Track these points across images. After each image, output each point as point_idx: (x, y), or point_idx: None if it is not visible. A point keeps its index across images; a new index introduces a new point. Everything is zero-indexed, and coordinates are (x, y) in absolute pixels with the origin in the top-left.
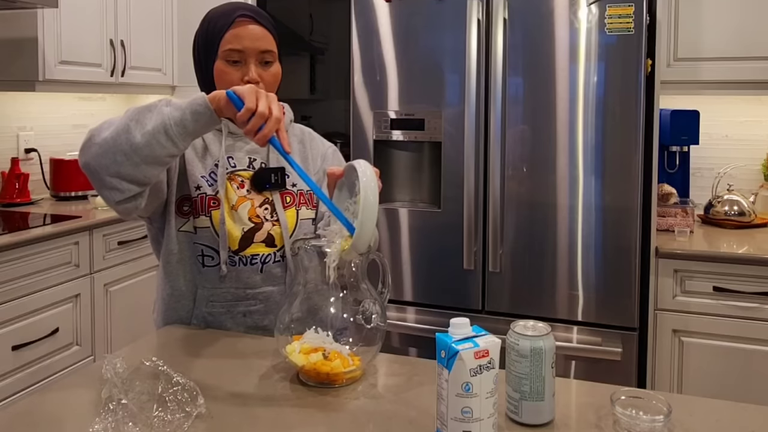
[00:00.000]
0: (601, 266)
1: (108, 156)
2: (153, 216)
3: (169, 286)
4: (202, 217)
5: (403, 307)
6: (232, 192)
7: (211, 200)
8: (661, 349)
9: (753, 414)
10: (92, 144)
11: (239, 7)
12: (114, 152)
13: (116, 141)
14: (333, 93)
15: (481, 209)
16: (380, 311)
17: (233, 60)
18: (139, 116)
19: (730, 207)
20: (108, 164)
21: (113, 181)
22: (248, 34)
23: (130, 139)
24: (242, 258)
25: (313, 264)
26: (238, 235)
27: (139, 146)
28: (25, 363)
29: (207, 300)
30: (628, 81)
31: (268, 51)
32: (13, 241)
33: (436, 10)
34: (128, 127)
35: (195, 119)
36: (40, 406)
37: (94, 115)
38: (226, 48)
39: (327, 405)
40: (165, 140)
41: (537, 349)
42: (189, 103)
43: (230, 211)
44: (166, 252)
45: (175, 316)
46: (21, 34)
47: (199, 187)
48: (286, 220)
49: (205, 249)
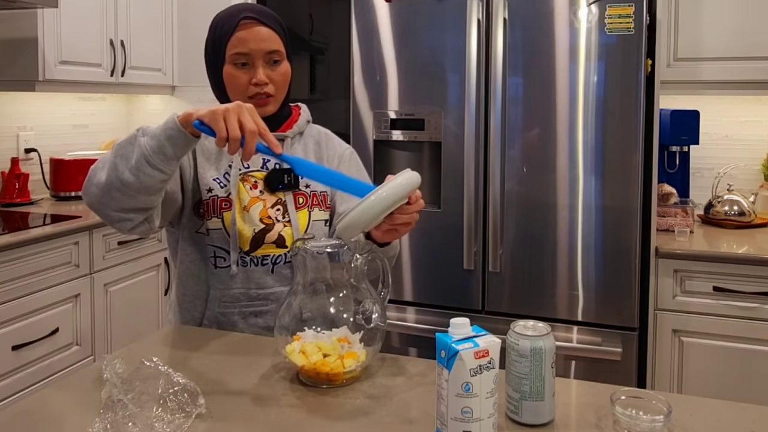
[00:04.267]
0: (601, 266)
1: (106, 195)
2: (173, 222)
3: (183, 286)
4: (214, 219)
5: (403, 307)
6: (244, 192)
7: (222, 202)
8: (661, 349)
9: (753, 414)
10: (90, 185)
11: (243, 8)
12: (110, 191)
13: (109, 180)
14: (333, 93)
15: (481, 209)
16: (380, 311)
17: (241, 63)
18: (123, 151)
19: (730, 207)
20: (108, 202)
21: (118, 214)
22: (253, 36)
23: (119, 177)
24: (253, 258)
25: (313, 264)
26: (249, 236)
27: (129, 182)
28: (25, 363)
29: (219, 300)
30: (628, 81)
31: (275, 51)
32: (13, 241)
33: (436, 10)
34: (115, 165)
35: (172, 144)
36: (40, 406)
37: (94, 115)
38: (233, 52)
39: (327, 405)
40: (150, 170)
41: (537, 349)
42: (162, 129)
43: (242, 212)
44: (182, 254)
45: (188, 316)
46: (21, 34)
47: (211, 190)
48: (298, 221)
49: (217, 250)
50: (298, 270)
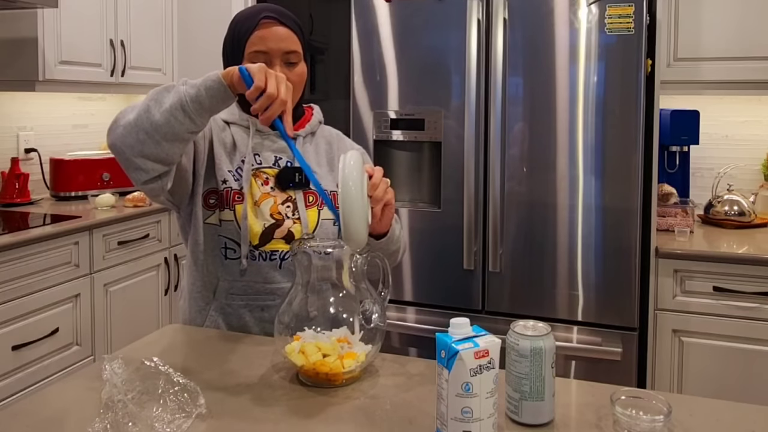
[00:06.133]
0: (601, 266)
1: (131, 136)
2: (181, 205)
3: (193, 275)
4: (227, 211)
5: (403, 307)
6: (256, 188)
7: (236, 194)
8: (661, 349)
9: (753, 414)
10: (117, 126)
11: (264, 9)
12: (136, 132)
13: (138, 121)
14: (333, 93)
15: (481, 209)
16: (380, 311)
17: (259, 61)
18: (159, 96)
19: (730, 207)
20: (132, 143)
21: (138, 160)
22: (273, 36)
23: (150, 118)
24: (262, 253)
25: (313, 264)
26: (258, 231)
27: (158, 124)
28: (25, 363)
29: (227, 292)
30: (628, 81)
31: (293, 51)
32: (13, 241)
33: (436, 10)
34: (148, 108)
35: (210, 95)
36: (40, 406)
37: (94, 115)
38: (252, 50)
39: (326, 405)
40: (182, 117)
41: (537, 349)
42: (204, 80)
43: (253, 206)
44: (193, 242)
45: (195, 306)
46: (21, 34)
47: (226, 181)
48: (307, 219)
49: (228, 242)
50: (298, 270)
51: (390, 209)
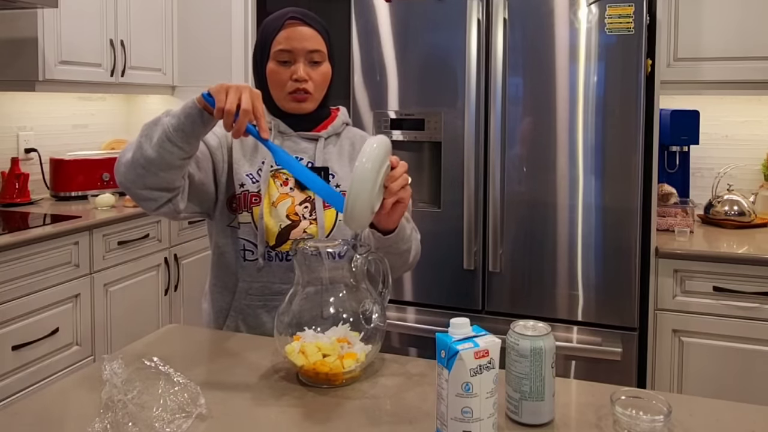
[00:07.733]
0: (601, 266)
1: (132, 172)
2: (211, 213)
3: (215, 276)
4: (245, 213)
5: (403, 307)
6: (274, 188)
7: (252, 197)
8: (661, 349)
9: (753, 414)
10: (120, 165)
11: (290, 11)
12: (134, 168)
13: (134, 158)
14: (333, 93)
15: (481, 209)
16: (380, 311)
17: (283, 60)
18: (148, 131)
19: (730, 207)
20: (134, 179)
21: (144, 192)
22: (297, 35)
23: (144, 154)
24: (278, 253)
25: (313, 264)
26: (275, 231)
27: (152, 158)
28: (25, 363)
29: (246, 292)
30: (628, 81)
31: (317, 51)
32: (13, 241)
33: (436, 10)
34: (140, 144)
35: (190, 121)
36: (40, 406)
37: (94, 115)
38: (277, 49)
39: (326, 405)
40: (171, 147)
41: (537, 349)
42: (182, 108)
43: (270, 207)
44: (215, 245)
45: (216, 306)
46: (21, 34)
47: (243, 185)
48: (324, 220)
49: (246, 243)
50: (298, 270)
51: (401, 207)
